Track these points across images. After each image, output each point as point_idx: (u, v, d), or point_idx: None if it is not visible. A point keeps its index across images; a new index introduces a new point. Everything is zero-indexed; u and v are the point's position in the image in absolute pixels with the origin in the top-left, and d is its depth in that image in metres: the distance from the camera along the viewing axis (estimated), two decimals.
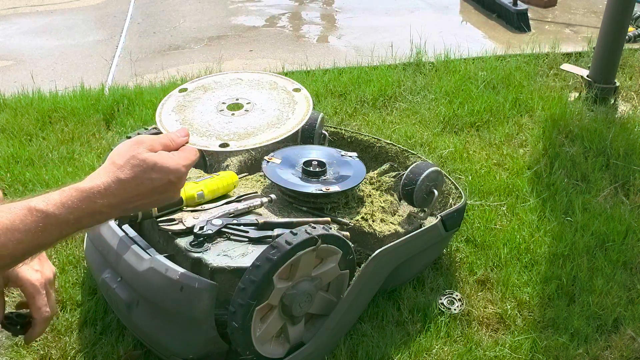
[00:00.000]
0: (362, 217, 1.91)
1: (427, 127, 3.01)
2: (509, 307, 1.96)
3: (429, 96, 3.30)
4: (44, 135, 2.94)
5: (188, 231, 1.65)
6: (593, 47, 3.58)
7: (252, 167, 2.30)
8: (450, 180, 2.17)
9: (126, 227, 1.70)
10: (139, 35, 4.61)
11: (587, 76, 3.36)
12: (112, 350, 1.77)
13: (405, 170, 2.03)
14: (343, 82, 3.42)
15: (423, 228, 1.91)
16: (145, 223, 1.75)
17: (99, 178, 0.81)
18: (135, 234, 1.68)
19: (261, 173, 2.04)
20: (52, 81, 3.69)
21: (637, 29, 4.19)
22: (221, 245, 1.62)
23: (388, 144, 2.35)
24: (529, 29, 4.55)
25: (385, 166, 2.26)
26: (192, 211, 1.72)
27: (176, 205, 1.71)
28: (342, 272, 1.68)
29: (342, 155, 2.11)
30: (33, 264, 0.95)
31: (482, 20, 4.85)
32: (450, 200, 2.14)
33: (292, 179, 1.94)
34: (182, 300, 1.50)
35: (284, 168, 1.99)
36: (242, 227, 1.67)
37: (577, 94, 3.36)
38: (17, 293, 1.03)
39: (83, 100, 3.21)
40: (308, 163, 2.00)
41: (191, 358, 1.59)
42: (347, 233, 1.74)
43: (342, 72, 3.57)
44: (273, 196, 1.87)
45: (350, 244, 1.67)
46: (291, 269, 1.55)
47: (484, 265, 2.12)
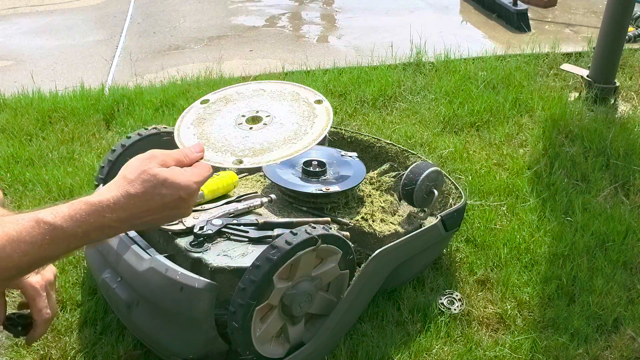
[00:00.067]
0: (362, 217, 1.91)
1: (427, 127, 3.01)
2: (509, 307, 1.96)
3: (429, 96, 3.30)
4: (44, 135, 2.94)
5: (188, 231, 1.65)
6: (593, 47, 3.58)
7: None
8: (450, 180, 2.17)
9: None
10: (139, 35, 4.61)
11: (587, 76, 3.36)
12: (112, 350, 1.77)
13: (405, 170, 2.03)
14: (343, 82, 3.42)
15: (423, 228, 1.91)
16: None
17: (108, 192, 0.80)
18: (135, 234, 1.68)
19: (261, 173, 2.04)
20: (52, 81, 3.69)
21: (637, 29, 4.19)
22: (221, 245, 1.62)
23: (388, 144, 2.35)
24: (529, 29, 4.55)
25: (385, 166, 2.25)
26: (192, 211, 1.72)
27: None
28: (342, 272, 1.68)
29: (342, 155, 2.10)
30: None
31: (482, 20, 4.85)
32: (450, 200, 2.14)
33: (292, 179, 1.94)
34: (182, 300, 1.50)
35: (284, 168, 1.99)
36: (242, 227, 1.67)
37: (577, 94, 3.36)
38: (17, 293, 1.03)
39: (83, 100, 3.21)
40: (308, 163, 2.00)
41: (191, 358, 1.59)
42: (347, 233, 1.74)
43: (342, 72, 3.57)
44: (273, 196, 1.87)
45: (350, 244, 1.67)
46: (291, 269, 1.55)
47: (484, 265, 2.12)
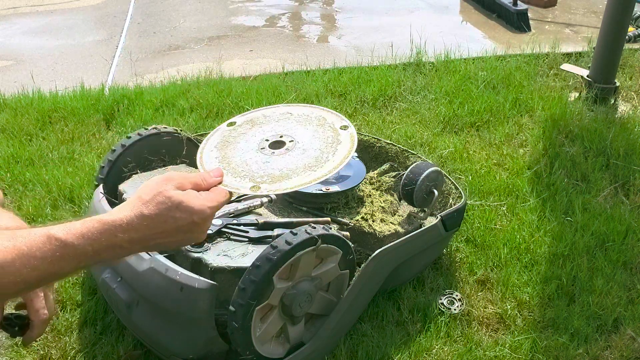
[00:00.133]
0: (362, 217, 1.91)
1: (427, 127, 3.01)
2: (509, 307, 1.96)
3: (429, 96, 3.30)
4: (44, 135, 2.94)
5: None
6: (593, 47, 3.58)
7: None
8: (450, 180, 2.17)
9: None
10: (139, 35, 4.61)
11: (587, 76, 3.36)
12: (112, 350, 1.77)
13: (405, 170, 2.03)
14: (343, 82, 3.42)
15: (423, 228, 1.91)
16: None
17: (122, 212, 0.80)
18: None
19: None
20: (52, 81, 3.69)
21: (637, 29, 4.19)
22: (221, 245, 1.62)
23: (388, 144, 2.35)
24: (529, 29, 4.55)
25: (385, 166, 2.25)
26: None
27: None
28: (342, 272, 1.68)
29: None
30: None
31: (482, 20, 4.85)
32: (450, 200, 2.14)
33: None
34: (182, 300, 1.50)
35: None
36: (242, 227, 1.67)
37: (577, 94, 3.36)
38: None
39: (83, 100, 3.21)
40: None
41: (191, 358, 1.59)
42: (347, 233, 1.74)
43: (342, 72, 3.57)
44: (273, 196, 1.87)
45: (350, 244, 1.67)
46: (291, 269, 1.55)
47: (484, 265, 2.12)
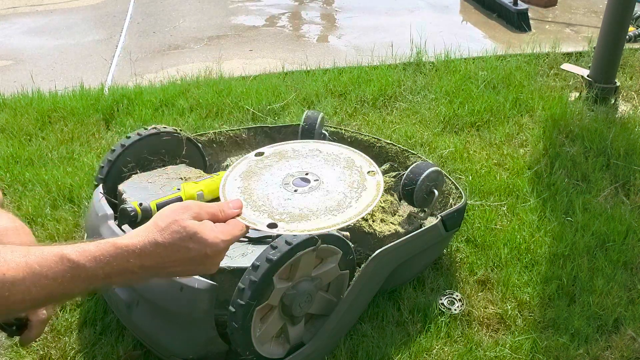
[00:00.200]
0: (362, 217, 1.90)
1: (427, 127, 3.00)
2: (509, 307, 1.95)
3: (429, 96, 3.30)
4: (43, 135, 2.94)
5: None
6: (593, 47, 3.58)
7: None
8: (450, 180, 2.16)
9: (126, 227, 1.70)
10: (139, 34, 4.61)
11: (588, 76, 3.35)
12: (112, 351, 1.76)
13: (406, 170, 2.03)
14: (343, 81, 3.42)
15: (423, 228, 1.91)
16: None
17: (137, 237, 0.80)
18: None
19: None
20: (52, 81, 3.69)
21: (637, 28, 4.19)
22: None
23: (388, 144, 2.35)
24: (530, 29, 4.54)
25: (385, 166, 2.25)
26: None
27: None
28: (342, 272, 1.68)
29: None
30: None
31: (483, 20, 4.85)
32: (451, 200, 2.13)
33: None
34: (182, 300, 1.49)
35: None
36: None
37: (577, 94, 3.36)
38: None
39: (82, 100, 3.21)
40: None
41: (191, 358, 1.59)
42: (347, 233, 1.74)
43: (342, 71, 3.57)
44: None
45: (350, 244, 1.66)
46: (291, 269, 1.54)
47: (484, 266, 2.12)
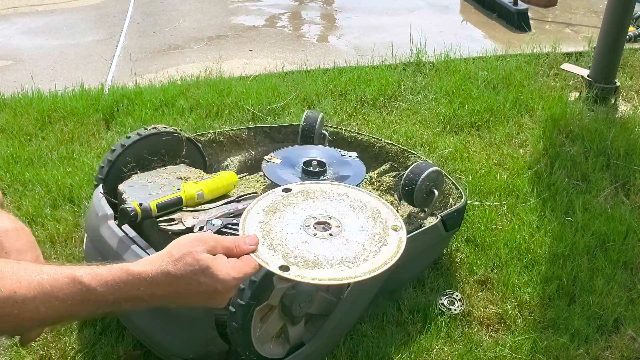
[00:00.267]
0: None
1: (427, 127, 3.00)
2: (509, 307, 1.95)
3: (429, 96, 3.30)
4: (43, 135, 2.94)
5: (188, 231, 1.64)
6: (593, 47, 3.58)
7: (252, 167, 2.29)
8: (450, 180, 2.16)
9: (126, 227, 1.70)
10: (139, 34, 4.61)
11: (588, 76, 3.35)
12: (112, 351, 1.76)
13: (406, 170, 2.03)
14: (343, 81, 3.42)
15: (423, 228, 1.91)
16: (145, 223, 1.75)
17: (150, 265, 0.80)
18: (135, 234, 1.67)
19: (261, 173, 2.03)
20: (52, 81, 3.69)
21: (637, 28, 4.19)
22: None
23: (388, 143, 2.35)
24: (530, 29, 4.54)
25: (385, 166, 2.25)
26: (192, 211, 1.72)
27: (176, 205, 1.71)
28: None
29: (342, 155, 2.10)
30: None
31: (483, 20, 4.85)
32: (451, 200, 2.13)
33: (292, 179, 1.94)
34: None
35: (284, 168, 1.99)
36: None
37: (577, 94, 3.36)
38: None
39: (83, 100, 3.21)
40: (308, 163, 2.00)
41: (191, 358, 1.59)
42: None
43: (342, 71, 3.57)
44: None
45: None
46: None
47: (484, 266, 2.12)
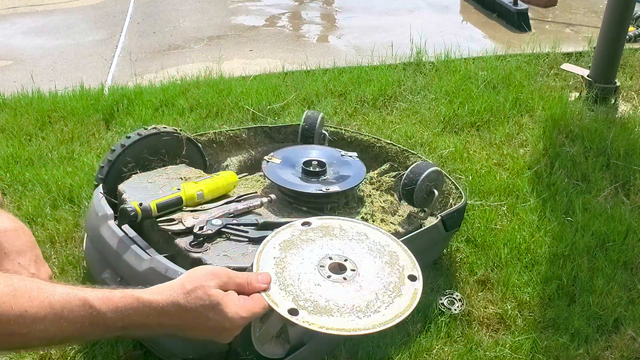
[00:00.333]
0: (362, 217, 1.90)
1: (427, 127, 3.00)
2: (509, 307, 1.95)
3: (429, 96, 3.30)
4: (43, 135, 2.94)
5: (188, 231, 1.64)
6: (593, 47, 3.58)
7: (252, 167, 2.29)
8: (450, 180, 2.16)
9: (126, 227, 1.70)
10: (139, 34, 4.61)
11: (588, 76, 3.35)
12: (112, 351, 1.76)
13: (406, 170, 2.02)
14: (343, 81, 3.42)
15: (423, 228, 1.91)
16: (145, 223, 1.75)
17: (161, 294, 0.80)
18: (135, 234, 1.67)
19: (261, 173, 2.03)
20: (52, 81, 3.69)
21: (637, 28, 4.19)
22: (221, 245, 1.62)
23: (388, 143, 2.35)
24: (530, 29, 4.54)
25: (385, 166, 2.25)
26: (191, 211, 1.72)
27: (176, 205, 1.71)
28: None
29: (342, 155, 2.10)
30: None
31: (483, 20, 4.85)
32: (451, 200, 2.13)
33: (292, 179, 1.94)
34: None
35: (283, 168, 1.99)
36: (242, 227, 1.66)
37: (577, 94, 3.36)
38: None
39: (82, 100, 3.21)
40: (308, 163, 2.00)
41: (191, 358, 1.58)
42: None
43: (342, 71, 3.57)
44: (273, 196, 1.87)
45: None
46: None
47: (484, 266, 2.12)
